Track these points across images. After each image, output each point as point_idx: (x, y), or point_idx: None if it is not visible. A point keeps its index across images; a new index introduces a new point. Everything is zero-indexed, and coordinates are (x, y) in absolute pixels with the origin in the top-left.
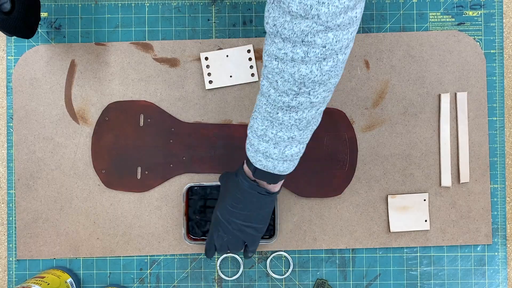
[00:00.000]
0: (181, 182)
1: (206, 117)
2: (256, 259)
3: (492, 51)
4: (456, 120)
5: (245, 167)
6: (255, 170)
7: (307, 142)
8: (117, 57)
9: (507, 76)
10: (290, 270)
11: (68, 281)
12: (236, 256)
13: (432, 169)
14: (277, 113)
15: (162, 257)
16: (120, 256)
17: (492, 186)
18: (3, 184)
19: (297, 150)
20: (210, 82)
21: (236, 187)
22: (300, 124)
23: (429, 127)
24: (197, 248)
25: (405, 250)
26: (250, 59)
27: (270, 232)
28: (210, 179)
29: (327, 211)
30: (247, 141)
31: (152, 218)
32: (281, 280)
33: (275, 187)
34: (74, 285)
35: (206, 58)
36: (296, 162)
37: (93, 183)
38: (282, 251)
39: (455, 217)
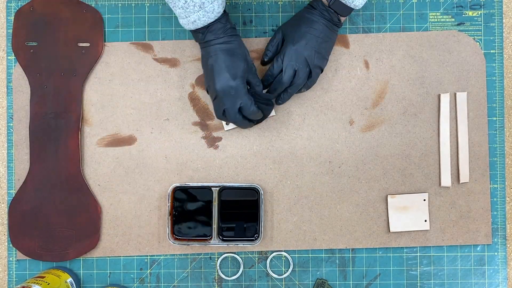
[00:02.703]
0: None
1: (206, 117)
2: (256, 259)
3: (492, 51)
4: (456, 120)
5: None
6: (334, 1)
7: None
8: (117, 57)
9: (507, 76)
10: (290, 270)
11: (68, 281)
12: (236, 256)
13: (432, 169)
14: None
15: (162, 257)
16: (120, 256)
17: (491, 186)
18: (3, 184)
19: None
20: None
21: (313, 18)
22: None
23: (429, 127)
24: (197, 248)
25: (405, 250)
26: None
27: (254, 233)
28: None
29: (327, 211)
30: None
31: (152, 218)
32: (281, 280)
33: (342, 19)
34: (74, 285)
35: None
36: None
37: (93, 183)
38: (282, 251)
39: (454, 217)
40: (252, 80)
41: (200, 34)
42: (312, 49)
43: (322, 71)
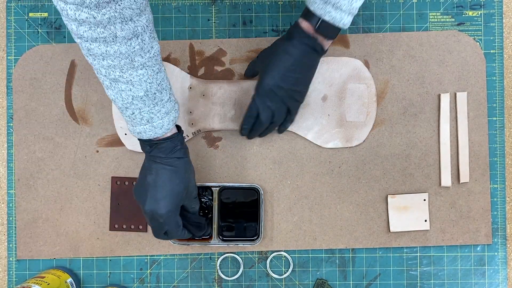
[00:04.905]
0: None
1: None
2: (256, 259)
3: (492, 51)
4: (456, 120)
5: (304, 24)
6: (320, 23)
7: None
8: None
9: (507, 76)
10: (290, 270)
11: (68, 281)
12: (236, 256)
13: (432, 169)
14: None
15: (162, 257)
16: (120, 256)
17: (492, 186)
18: (3, 184)
19: (361, 3)
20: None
21: (288, 49)
22: None
23: (429, 127)
24: (197, 248)
25: (405, 250)
26: None
27: (254, 233)
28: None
29: (327, 211)
30: None
31: None
32: (281, 280)
33: (327, 45)
34: (74, 285)
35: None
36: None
37: (93, 183)
38: (282, 251)
39: (455, 217)
40: (188, 204)
41: (148, 147)
42: (288, 89)
43: (302, 102)
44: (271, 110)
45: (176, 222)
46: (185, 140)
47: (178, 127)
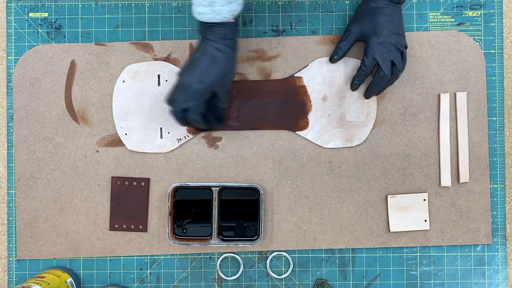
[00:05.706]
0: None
1: None
2: (256, 259)
3: (492, 51)
4: (456, 120)
5: None
6: None
7: None
8: (117, 57)
9: (506, 76)
10: (290, 270)
11: (68, 281)
12: (236, 256)
13: (432, 169)
14: None
15: (162, 257)
16: (120, 256)
17: (491, 186)
18: (3, 184)
19: None
20: None
21: (379, 6)
22: None
23: (429, 127)
24: (197, 248)
25: (405, 250)
26: None
27: (254, 233)
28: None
29: (327, 211)
30: None
31: (152, 218)
32: (281, 280)
33: None
34: (74, 285)
35: None
36: None
37: (93, 183)
38: (282, 251)
39: (454, 217)
40: (220, 95)
41: (203, 28)
42: (395, 34)
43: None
44: (391, 59)
45: (201, 101)
46: (185, 140)
47: (237, 21)
